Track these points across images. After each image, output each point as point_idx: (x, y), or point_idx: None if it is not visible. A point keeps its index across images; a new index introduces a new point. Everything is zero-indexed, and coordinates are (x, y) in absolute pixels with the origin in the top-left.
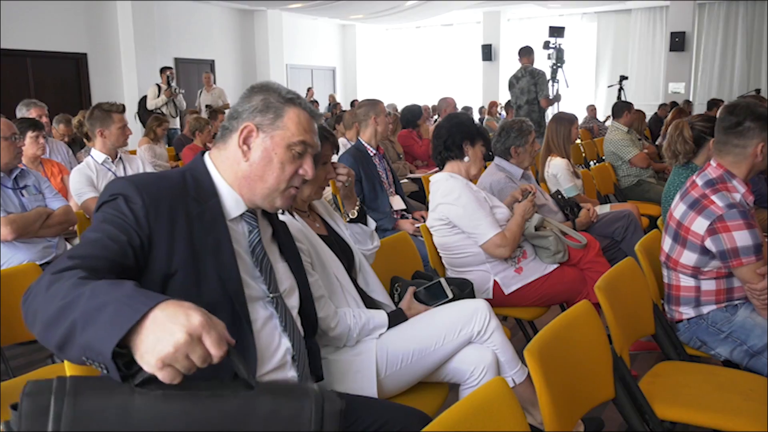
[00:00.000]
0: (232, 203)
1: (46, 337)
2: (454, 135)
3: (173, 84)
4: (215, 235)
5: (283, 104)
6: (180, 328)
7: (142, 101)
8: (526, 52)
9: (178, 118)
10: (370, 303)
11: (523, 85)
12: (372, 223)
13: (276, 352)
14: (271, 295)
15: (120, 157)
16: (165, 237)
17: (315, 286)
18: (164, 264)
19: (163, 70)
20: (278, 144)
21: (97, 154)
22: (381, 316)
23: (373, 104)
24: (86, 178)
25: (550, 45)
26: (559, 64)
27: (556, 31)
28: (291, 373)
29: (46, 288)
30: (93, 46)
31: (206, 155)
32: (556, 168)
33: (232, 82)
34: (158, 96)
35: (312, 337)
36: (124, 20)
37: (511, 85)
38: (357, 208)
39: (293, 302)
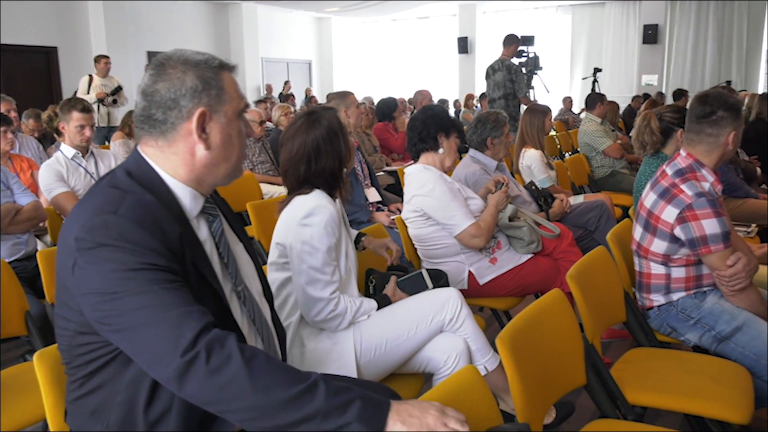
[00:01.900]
0: (191, 202)
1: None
2: (428, 127)
3: (111, 96)
4: (192, 246)
5: (217, 74)
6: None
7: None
8: (509, 42)
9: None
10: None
11: (498, 78)
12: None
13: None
14: (238, 287)
15: (91, 152)
16: (179, 270)
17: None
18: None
19: (97, 59)
20: (232, 118)
21: (66, 149)
22: (370, 301)
23: (343, 96)
24: (55, 173)
25: (523, 54)
26: (534, 72)
27: (527, 40)
28: None
29: (247, 376)
30: (63, 39)
31: (145, 156)
32: (530, 159)
33: None
34: (88, 92)
35: (276, 316)
36: (95, 13)
37: (487, 76)
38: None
39: (257, 286)
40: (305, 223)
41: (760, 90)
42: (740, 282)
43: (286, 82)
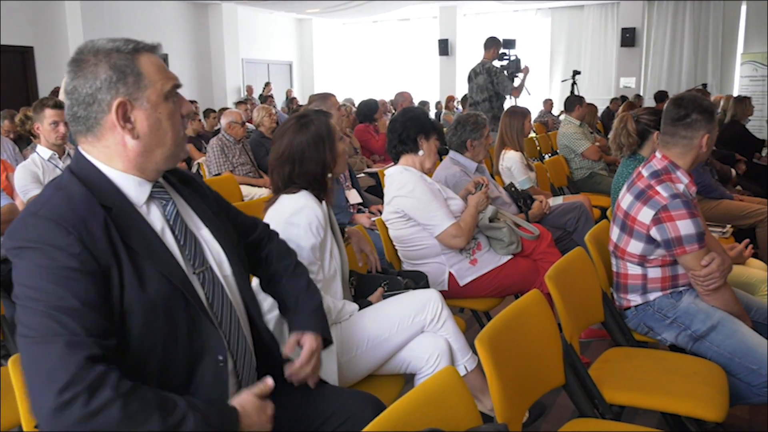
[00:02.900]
0: (136, 189)
1: None
2: (408, 129)
3: None
4: (138, 233)
5: (131, 59)
6: None
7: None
8: (489, 45)
9: None
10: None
11: (480, 82)
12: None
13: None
14: (195, 270)
15: (68, 153)
16: (106, 258)
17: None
18: (117, 287)
19: None
20: (157, 102)
21: (42, 150)
22: (351, 304)
23: (324, 99)
24: (31, 174)
25: (505, 57)
26: (516, 74)
27: (509, 44)
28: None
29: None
30: (39, 39)
31: (84, 152)
32: (510, 161)
33: (187, 76)
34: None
35: (255, 306)
36: (72, 13)
37: (469, 79)
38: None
39: (226, 271)
40: (291, 221)
41: (735, 92)
42: (715, 282)
43: (267, 84)
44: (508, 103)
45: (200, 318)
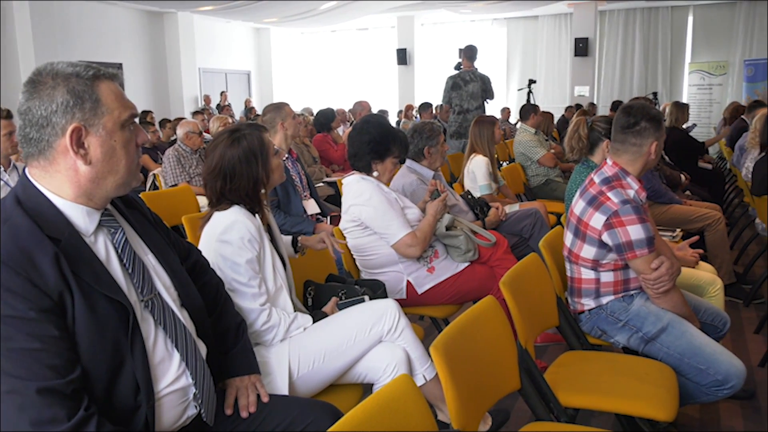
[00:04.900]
0: (84, 219)
1: None
2: (362, 155)
3: None
4: (86, 264)
5: (90, 85)
6: None
7: None
8: (469, 54)
9: None
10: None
11: (474, 90)
12: None
13: (170, 362)
14: (143, 298)
15: (14, 165)
16: (58, 291)
17: (235, 277)
18: (70, 317)
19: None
20: (113, 130)
21: None
22: (305, 316)
23: (279, 109)
24: None
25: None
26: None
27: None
28: (184, 381)
29: None
30: None
31: (31, 178)
32: (476, 165)
33: (142, 86)
34: None
35: (205, 325)
36: (21, 19)
37: (456, 87)
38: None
39: (173, 295)
40: (223, 239)
41: (684, 100)
42: (664, 285)
43: (222, 93)
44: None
45: (136, 347)
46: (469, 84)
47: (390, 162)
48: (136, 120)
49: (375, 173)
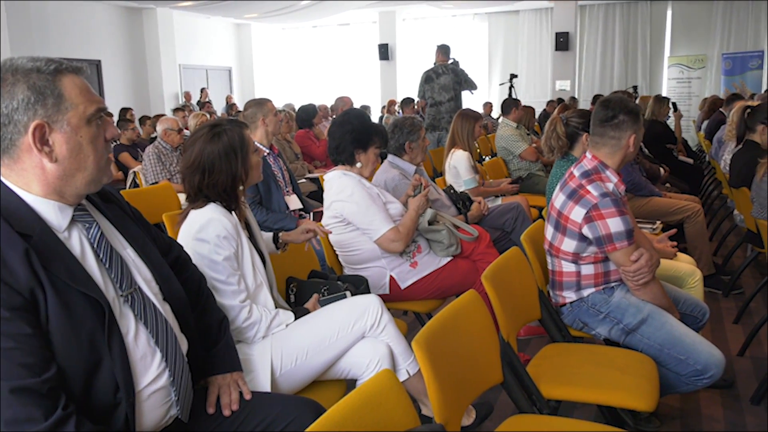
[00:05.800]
0: (56, 214)
1: None
2: (345, 143)
3: None
4: (60, 260)
5: (52, 80)
6: None
7: None
8: (444, 51)
9: None
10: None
11: (445, 82)
12: None
13: (152, 358)
14: (123, 293)
15: None
16: (30, 288)
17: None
18: (43, 315)
19: None
20: (78, 126)
21: None
22: (286, 312)
23: (260, 105)
24: None
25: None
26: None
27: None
28: (167, 377)
29: None
30: None
31: (1, 177)
32: (458, 160)
33: (121, 83)
34: None
35: (188, 320)
36: None
37: (429, 80)
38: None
39: (154, 289)
40: (199, 237)
41: (664, 93)
42: (644, 276)
43: (203, 89)
44: (467, 98)
45: (114, 342)
46: (441, 76)
47: (372, 152)
48: (111, 115)
49: (358, 164)
